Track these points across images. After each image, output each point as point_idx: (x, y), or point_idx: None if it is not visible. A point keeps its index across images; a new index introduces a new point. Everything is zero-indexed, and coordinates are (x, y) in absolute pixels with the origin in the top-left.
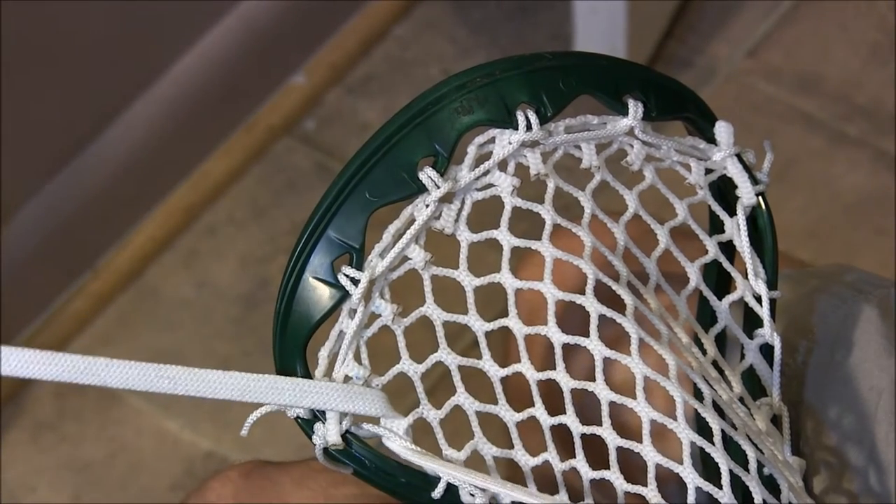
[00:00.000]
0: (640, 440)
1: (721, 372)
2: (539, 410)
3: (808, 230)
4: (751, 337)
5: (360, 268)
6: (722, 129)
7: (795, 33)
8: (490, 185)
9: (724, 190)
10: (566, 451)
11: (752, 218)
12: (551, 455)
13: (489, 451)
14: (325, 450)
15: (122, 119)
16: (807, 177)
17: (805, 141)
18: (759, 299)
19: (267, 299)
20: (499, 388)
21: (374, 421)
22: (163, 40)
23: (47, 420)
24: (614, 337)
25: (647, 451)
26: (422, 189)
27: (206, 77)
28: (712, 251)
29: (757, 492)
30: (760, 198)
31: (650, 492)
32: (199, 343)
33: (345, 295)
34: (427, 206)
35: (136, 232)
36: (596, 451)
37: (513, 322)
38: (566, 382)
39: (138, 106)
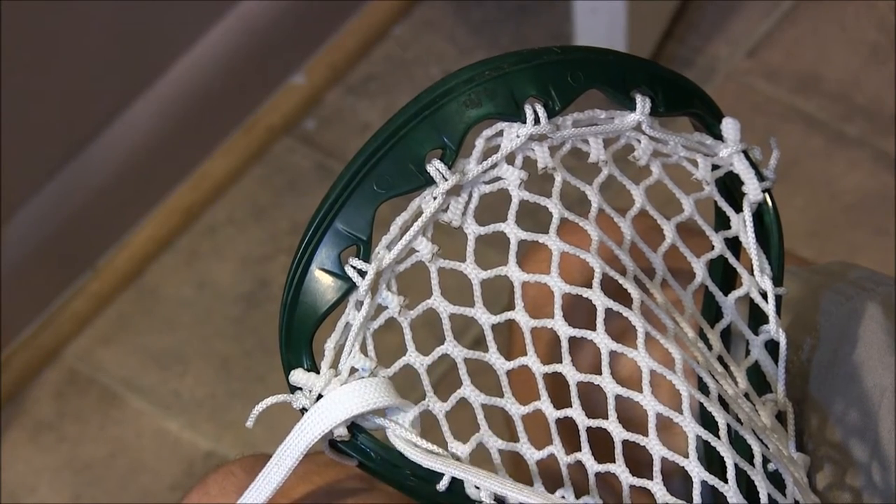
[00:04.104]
0: (645, 434)
1: (726, 367)
2: (545, 404)
3: (808, 230)
4: (756, 333)
5: (367, 259)
6: (729, 126)
7: (795, 33)
8: (497, 179)
9: (730, 186)
10: (571, 445)
11: (758, 215)
12: (556, 448)
13: (494, 444)
14: (331, 442)
15: (122, 119)
16: (807, 177)
17: (805, 141)
18: (764, 295)
19: (267, 299)
20: (504, 381)
21: (380, 413)
22: (163, 40)
23: (47, 420)
24: (620, 331)
25: (653, 445)
26: (429, 181)
27: (206, 77)
28: (718, 247)
29: (762, 486)
30: (767, 194)
31: (655, 485)
32: (199, 343)
33: (351, 287)
34: (435, 198)
35: (136, 232)
36: (601, 445)
37: (519, 315)
38: (572, 376)
39: (138, 106)
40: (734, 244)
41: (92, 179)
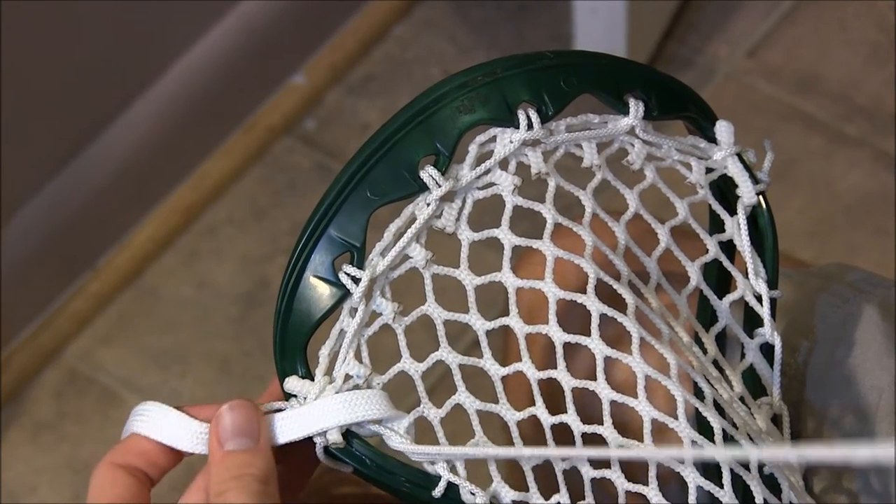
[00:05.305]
0: (641, 439)
1: (722, 371)
2: (540, 409)
3: (807, 230)
4: (751, 336)
5: (360, 266)
6: (722, 129)
7: (795, 33)
8: (491, 184)
9: (724, 189)
10: None
11: (753, 217)
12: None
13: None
14: (326, 448)
15: (122, 119)
16: (807, 177)
17: (805, 141)
18: (759, 298)
19: (267, 299)
20: (499, 387)
21: (376, 420)
22: (163, 40)
23: (47, 420)
24: (615, 336)
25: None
26: (423, 188)
27: (206, 77)
28: (713, 250)
29: (758, 491)
30: (761, 197)
31: (651, 491)
32: (199, 343)
33: (346, 294)
34: (428, 204)
35: (136, 232)
36: None
37: (514, 321)
38: (567, 381)
39: (138, 106)
40: (729, 247)
41: (92, 179)
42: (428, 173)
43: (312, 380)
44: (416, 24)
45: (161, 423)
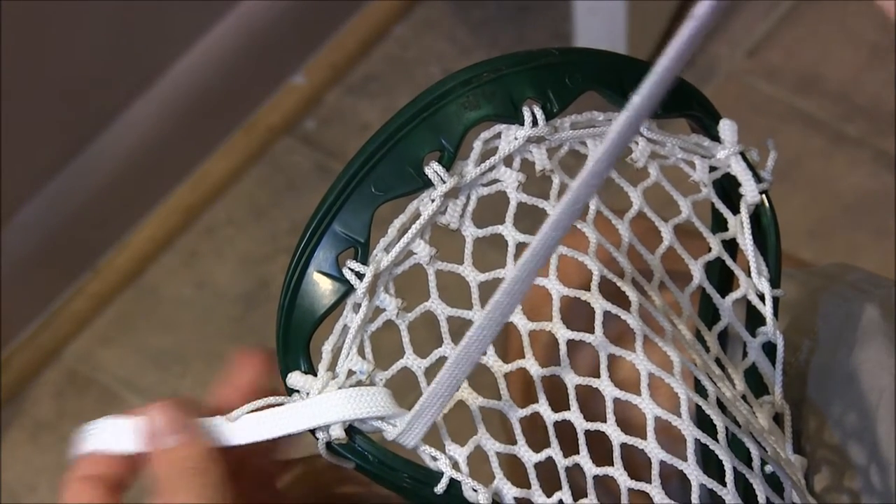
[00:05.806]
0: (644, 436)
1: (724, 370)
2: (543, 406)
3: (808, 230)
4: (753, 335)
5: (364, 262)
6: (726, 127)
7: (795, 33)
8: (495, 181)
9: (727, 188)
10: (569, 448)
11: (756, 216)
12: (554, 451)
13: (492, 447)
14: (328, 444)
15: (122, 119)
16: (807, 177)
17: (805, 141)
18: (762, 297)
19: (267, 299)
20: (502, 384)
21: (379, 416)
22: (163, 40)
23: (47, 420)
24: (618, 333)
25: (652, 448)
26: (427, 184)
27: (206, 77)
28: (716, 249)
29: (760, 490)
30: (764, 196)
31: (654, 489)
32: (199, 343)
33: (349, 289)
34: (433, 200)
35: (136, 232)
36: (599, 448)
37: (517, 317)
38: (570, 379)
39: (138, 106)
40: (731, 246)
41: (92, 179)
42: (433, 169)
43: (315, 375)
44: (416, 24)
45: (107, 434)
